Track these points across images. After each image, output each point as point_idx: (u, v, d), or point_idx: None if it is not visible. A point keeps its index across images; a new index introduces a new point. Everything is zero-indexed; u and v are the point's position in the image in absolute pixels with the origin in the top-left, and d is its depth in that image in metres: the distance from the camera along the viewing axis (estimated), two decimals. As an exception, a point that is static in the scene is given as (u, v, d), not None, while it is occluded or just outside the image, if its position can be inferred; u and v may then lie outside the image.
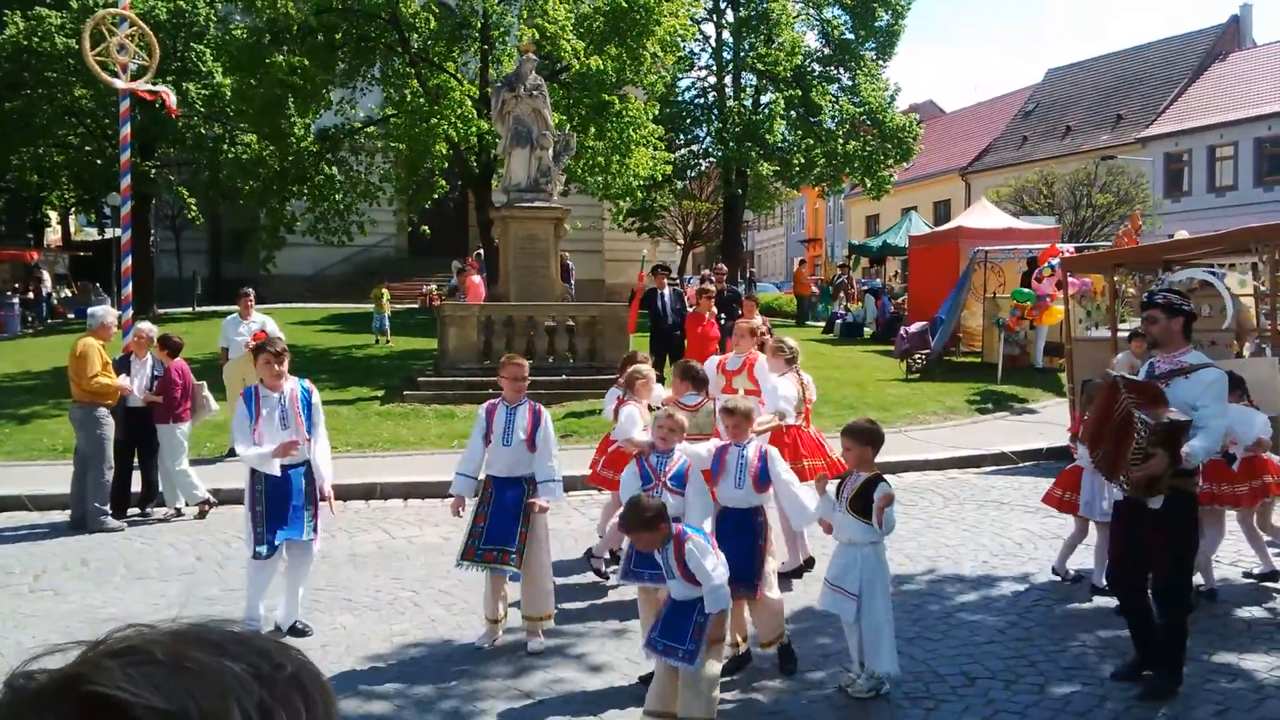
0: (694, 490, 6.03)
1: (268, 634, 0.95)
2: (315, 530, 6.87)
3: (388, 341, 23.06)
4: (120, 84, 13.06)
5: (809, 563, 7.97)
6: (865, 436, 5.75)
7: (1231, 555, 8.10)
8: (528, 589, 6.52)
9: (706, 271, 16.30)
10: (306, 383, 7.12)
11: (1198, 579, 7.45)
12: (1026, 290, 17.58)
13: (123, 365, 10.59)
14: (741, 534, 6.01)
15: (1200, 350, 5.79)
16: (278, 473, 6.81)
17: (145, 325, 11.03)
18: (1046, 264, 17.11)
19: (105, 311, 10.59)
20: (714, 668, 5.24)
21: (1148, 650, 5.76)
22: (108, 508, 9.94)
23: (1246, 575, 7.76)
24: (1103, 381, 5.91)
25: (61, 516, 10.18)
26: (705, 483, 6.14)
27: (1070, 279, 16.19)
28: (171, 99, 14.62)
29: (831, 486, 5.89)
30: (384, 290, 24.03)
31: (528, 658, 6.33)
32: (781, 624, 6.09)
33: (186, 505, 10.31)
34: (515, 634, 6.65)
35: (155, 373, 10.48)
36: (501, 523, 6.44)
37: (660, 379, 8.85)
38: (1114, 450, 5.57)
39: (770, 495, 6.17)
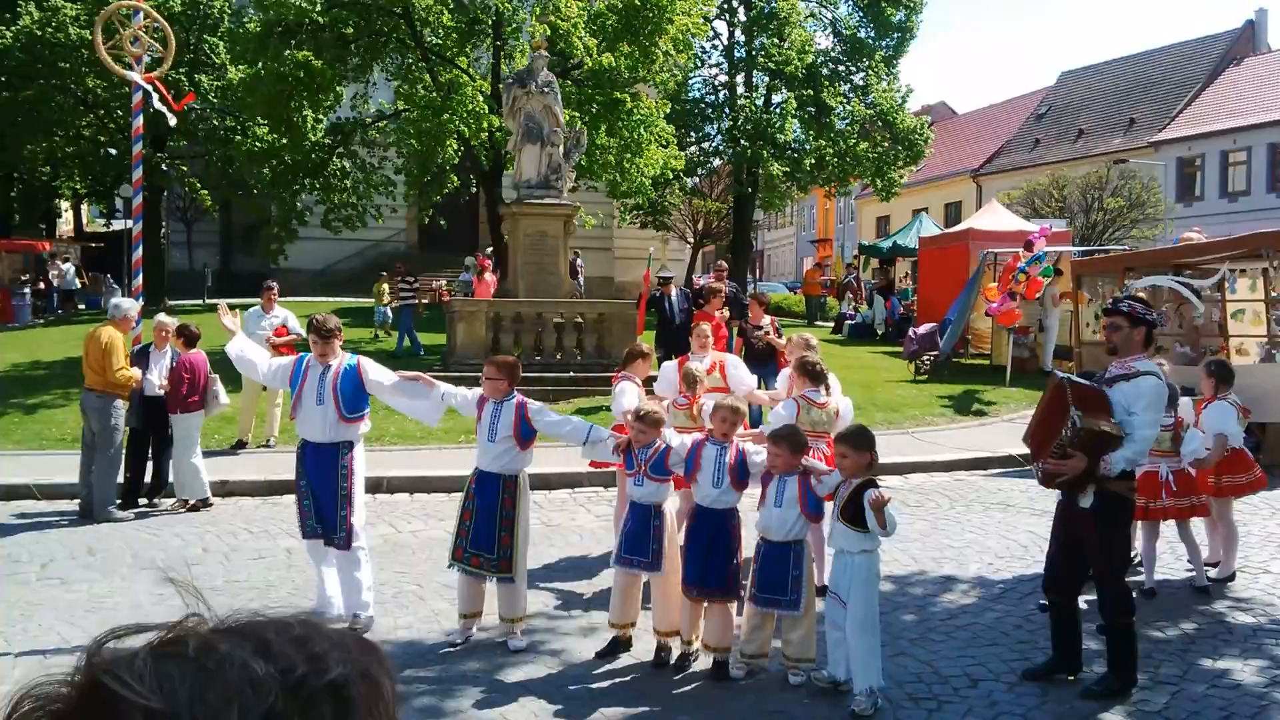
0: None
1: (351, 631, 0.91)
2: (346, 533, 6.78)
3: (389, 334, 23.14)
4: (134, 76, 13.07)
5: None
6: (862, 441, 5.77)
7: (1238, 561, 8.08)
8: (506, 590, 6.52)
9: (711, 276, 16.27)
10: (355, 360, 7.05)
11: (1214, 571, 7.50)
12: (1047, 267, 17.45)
13: (142, 356, 10.65)
14: (718, 536, 6.05)
15: (1150, 360, 5.87)
16: (260, 371, 7.22)
17: (166, 318, 11.10)
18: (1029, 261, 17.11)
19: (130, 304, 10.68)
20: (813, 606, 5.93)
21: (1064, 653, 5.87)
22: (115, 498, 9.99)
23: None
24: (1050, 381, 5.98)
25: (69, 506, 10.22)
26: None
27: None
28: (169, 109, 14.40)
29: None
30: (384, 284, 24.21)
31: (531, 653, 6.34)
32: (730, 637, 6.03)
33: (187, 499, 10.33)
34: (497, 630, 6.65)
35: (174, 364, 10.55)
36: (482, 525, 6.44)
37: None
38: (1042, 435, 5.80)
39: (742, 494, 6.16)
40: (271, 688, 0.81)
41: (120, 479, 10.19)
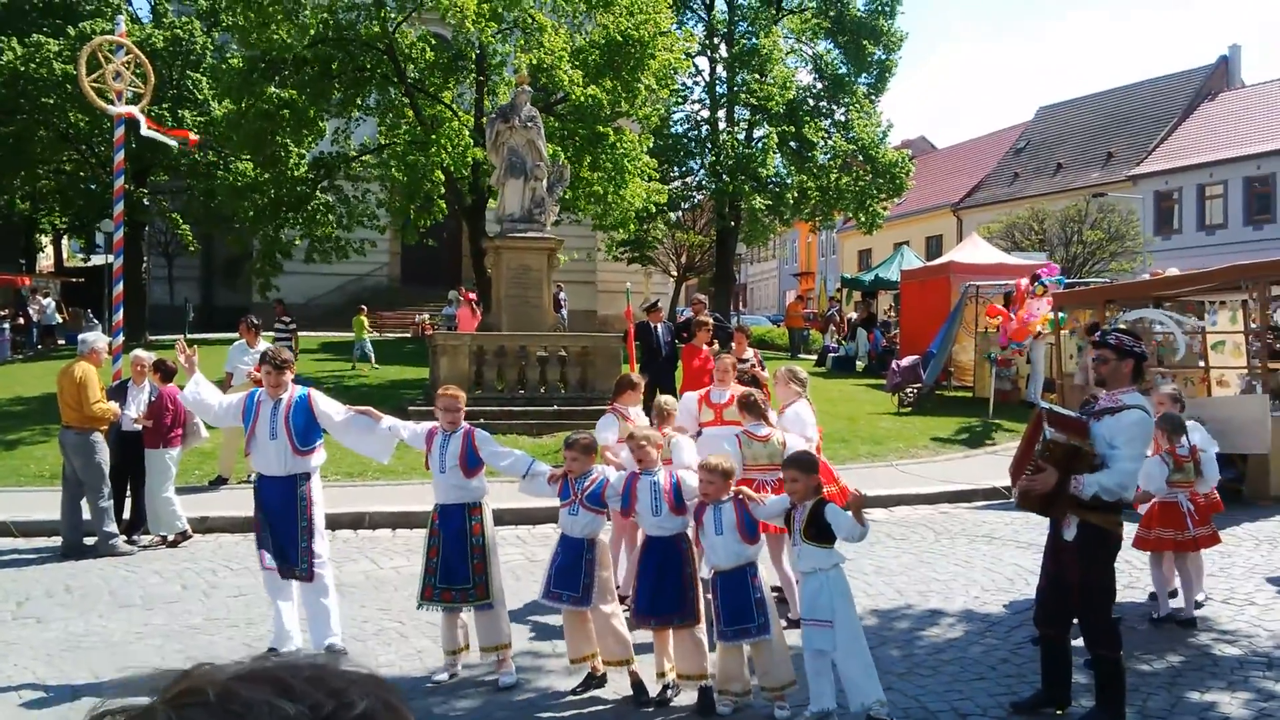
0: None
1: (356, 667, 0.89)
2: (310, 563, 6.76)
3: (374, 367, 23.25)
4: (116, 110, 13.07)
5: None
6: (812, 465, 5.90)
7: (1224, 592, 8.08)
8: (485, 619, 6.45)
9: (694, 308, 16.34)
10: (306, 392, 7.06)
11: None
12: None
13: (119, 391, 10.58)
14: (669, 561, 6.00)
15: (1138, 394, 5.86)
16: (212, 412, 7.22)
17: (142, 353, 11.05)
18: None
19: (97, 337, 10.61)
20: (780, 628, 5.88)
21: (1053, 687, 5.83)
22: (116, 530, 9.91)
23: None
24: (1034, 413, 6.03)
25: (47, 543, 10.09)
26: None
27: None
28: (192, 135, 14.95)
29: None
30: (363, 317, 24.55)
31: (518, 689, 6.27)
32: (705, 662, 5.94)
33: (166, 534, 10.22)
34: (485, 666, 6.57)
35: (151, 398, 10.47)
36: (452, 559, 6.41)
37: (647, 410, 8.83)
38: (1020, 456, 5.85)
39: (689, 517, 6.10)
40: None
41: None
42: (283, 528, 6.79)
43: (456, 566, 6.39)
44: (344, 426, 7.00)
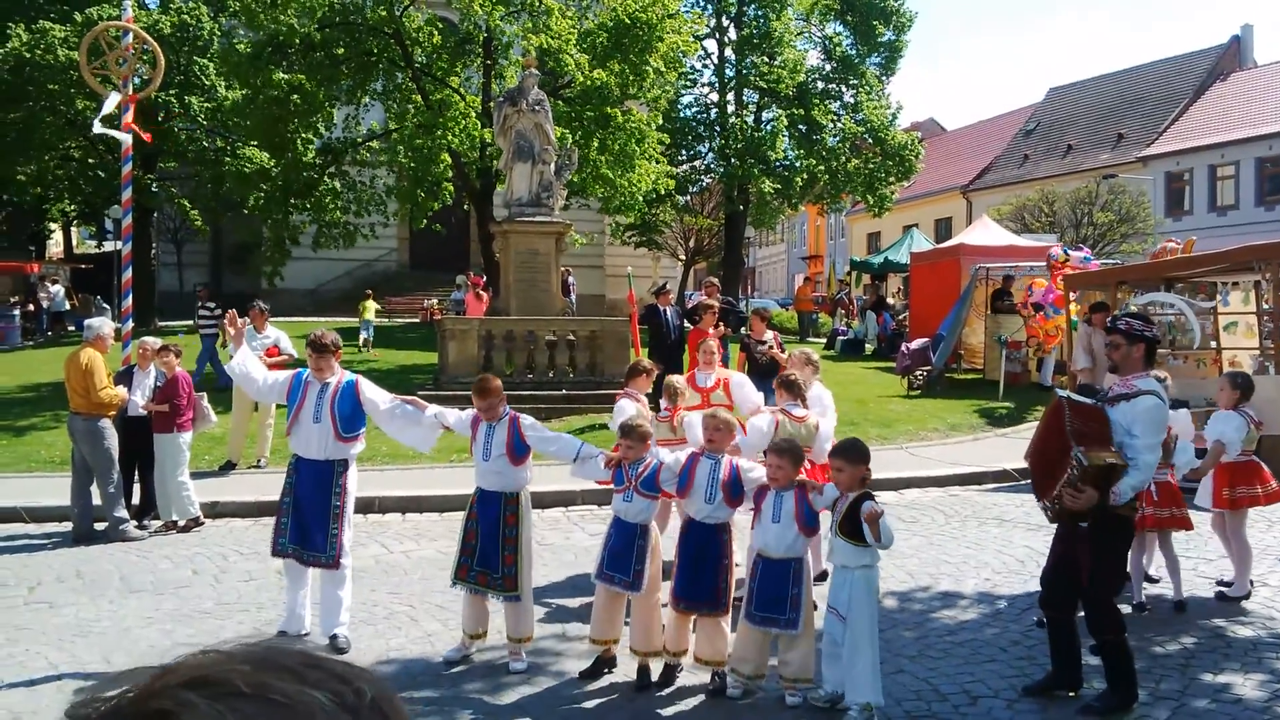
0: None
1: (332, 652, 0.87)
2: (336, 548, 6.73)
3: (367, 348, 23.53)
4: (117, 98, 13.01)
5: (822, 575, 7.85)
6: (860, 455, 5.74)
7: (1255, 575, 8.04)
8: (513, 610, 6.44)
9: (703, 293, 16.31)
10: (354, 379, 6.99)
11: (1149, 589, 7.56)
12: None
13: (125, 377, 10.58)
14: (707, 550, 5.99)
15: (1152, 378, 5.82)
16: (255, 386, 7.09)
17: (149, 338, 11.06)
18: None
19: (103, 323, 10.61)
20: (811, 624, 5.83)
21: (1063, 669, 5.82)
22: (126, 515, 9.94)
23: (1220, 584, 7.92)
24: (1051, 400, 5.98)
25: (57, 528, 10.12)
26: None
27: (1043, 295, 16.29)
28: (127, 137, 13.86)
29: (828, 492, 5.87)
30: (369, 301, 25.43)
31: (521, 675, 6.27)
32: (724, 651, 5.94)
33: (176, 519, 10.24)
34: (497, 651, 6.58)
35: (157, 384, 10.45)
36: (488, 546, 6.40)
37: (656, 395, 8.83)
38: (1047, 475, 5.76)
39: (735, 511, 6.09)
40: (340, 715, 0.80)
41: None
42: (313, 512, 6.74)
43: (491, 554, 6.38)
44: (389, 415, 6.92)
